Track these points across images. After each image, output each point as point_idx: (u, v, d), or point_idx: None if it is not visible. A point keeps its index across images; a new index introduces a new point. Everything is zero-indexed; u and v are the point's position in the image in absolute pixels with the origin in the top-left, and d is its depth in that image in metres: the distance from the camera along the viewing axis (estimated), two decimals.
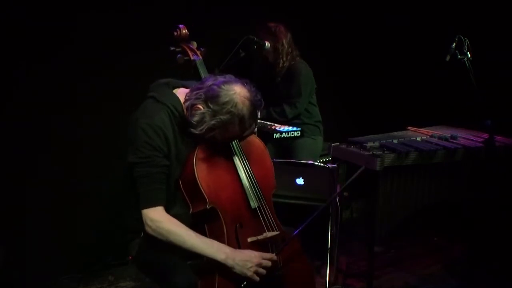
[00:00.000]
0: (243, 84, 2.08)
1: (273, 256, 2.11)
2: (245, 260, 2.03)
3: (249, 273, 2.03)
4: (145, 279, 2.47)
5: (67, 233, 3.16)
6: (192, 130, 2.07)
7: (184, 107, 2.11)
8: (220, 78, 2.08)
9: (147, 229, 2.05)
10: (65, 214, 3.14)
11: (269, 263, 2.07)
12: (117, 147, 2.32)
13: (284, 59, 3.65)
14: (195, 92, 2.08)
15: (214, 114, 2.03)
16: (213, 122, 2.03)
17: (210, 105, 2.03)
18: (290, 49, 3.66)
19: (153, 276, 2.25)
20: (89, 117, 3.17)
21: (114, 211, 2.42)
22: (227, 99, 2.02)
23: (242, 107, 2.03)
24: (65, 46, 3.05)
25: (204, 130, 2.05)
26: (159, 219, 2.04)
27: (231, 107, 2.01)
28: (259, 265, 2.05)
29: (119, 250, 3.07)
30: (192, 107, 2.07)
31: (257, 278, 2.05)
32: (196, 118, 2.05)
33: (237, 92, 2.03)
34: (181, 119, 2.12)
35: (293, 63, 3.67)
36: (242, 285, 2.05)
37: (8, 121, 2.92)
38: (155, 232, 2.04)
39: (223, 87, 2.04)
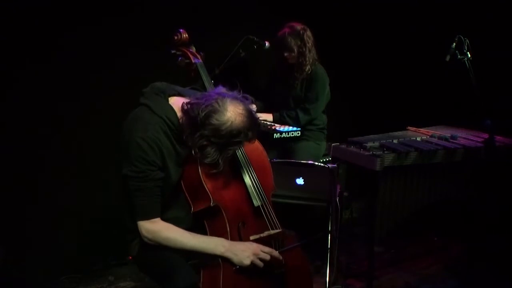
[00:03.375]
0: (231, 101, 2.02)
1: (272, 250, 2.13)
2: (243, 250, 2.08)
3: (247, 262, 2.07)
4: (145, 279, 2.48)
5: (67, 233, 3.16)
6: (215, 170, 2.07)
7: (186, 141, 2.06)
8: (207, 107, 1.99)
9: (144, 239, 2.09)
10: (65, 214, 3.14)
11: (267, 256, 2.10)
12: (114, 151, 2.31)
13: (309, 64, 3.58)
14: (197, 135, 2.00)
15: (222, 147, 2.02)
16: (225, 153, 2.04)
17: (214, 140, 2.00)
18: (314, 53, 3.60)
19: (153, 276, 2.25)
20: (89, 117, 3.17)
21: (114, 211, 2.42)
22: (228, 130, 1.99)
23: (243, 128, 2.01)
24: (66, 46, 3.05)
25: (222, 163, 2.05)
26: (156, 229, 2.07)
27: (236, 135, 2.01)
28: (257, 255, 2.08)
29: (119, 250, 3.07)
30: (200, 149, 2.02)
31: (253, 267, 2.07)
32: (209, 159, 2.03)
33: (232, 118, 1.99)
34: (177, 130, 2.10)
35: (313, 67, 3.60)
36: (235, 268, 2.08)
37: (7, 122, 2.92)
38: (152, 241, 2.09)
39: (216, 120, 1.98)
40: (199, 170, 2.11)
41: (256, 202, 2.23)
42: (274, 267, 2.16)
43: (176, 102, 2.14)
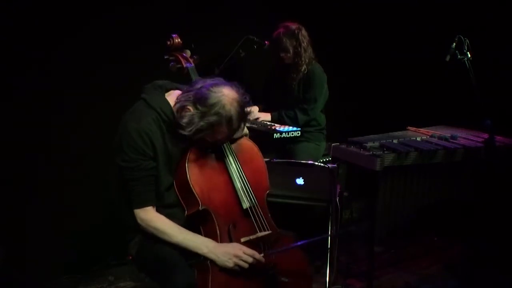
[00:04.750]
0: (231, 86, 2.12)
1: (255, 252, 2.12)
2: (226, 252, 2.09)
3: (230, 265, 2.08)
4: (145, 279, 2.48)
5: (67, 233, 3.16)
6: (181, 131, 2.11)
7: (174, 109, 2.15)
8: (210, 81, 2.13)
9: (140, 227, 2.15)
10: (65, 214, 3.14)
11: (249, 259, 2.10)
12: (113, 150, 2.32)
13: (305, 63, 3.55)
14: (185, 94, 2.13)
15: (202, 115, 2.07)
16: (201, 123, 2.07)
17: (198, 106, 2.07)
18: (310, 53, 3.57)
19: (153, 276, 2.26)
20: (88, 117, 3.17)
21: (114, 211, 2.43)
22: (215, 100, 2.06)
23: (230, 108, 2.07)
24: (65, 47, 3.05)
25: (193, 131, 2.09)
26: (147, 218, 2.13)
27: (219, 108, 2.05)
28: (239, 257, 2.09)
29: (119, 250, 3.06)
30: (181, 109, 2.11)
31: (238, 268, 2.08)
32: (185, 120, 2.09)
33: (225, 94, 2.08)
34: (171, 122, 2.15)
35: (310, 67, 3.58)
36: (220, 269, 2.09)
37: (7, 122, 2.92)
38: (146, 230, 2.15)
39: (211, 89, 2.08)
40: (188, 174, 2.14)
41: (245, 204, 2.24)
42: (266, 269, 2.16)
43: (173, 95, 2.20)
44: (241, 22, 3.82)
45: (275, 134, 3.28)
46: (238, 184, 2.24)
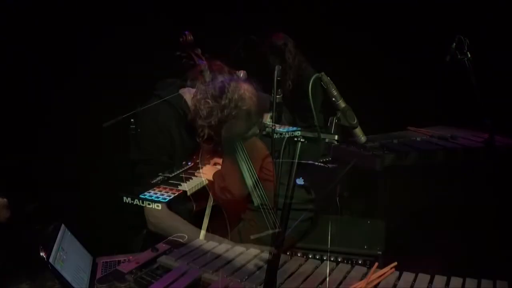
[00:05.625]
0: (250, 82, 2.19)
1: (272, 249, 2.12)
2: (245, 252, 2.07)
3: (249, 265, 2.05)
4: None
5: None
6: (200, 121, 2.14)
7: (192, 103, 2.19)
8: (228, 77, 2.20)
9: (149, 225, 2.16)
10: (65, 214, 3.14)
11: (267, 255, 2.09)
12: (118, 146, 2.33)
13: (292, 78, 3.56)
14: (204, 89, 2.17)
15: (222, 108, 2.12)
16: (220, 115, 2.12)
17: (219, 100, 2.12)
18: (296, 63, 3.56)
19: None
20: (88, 117, 3.16)
21: (114, 211, 2.43)
22: (235, 95, 2.11)
23: (249, 103, 2.13)
24: (65, 47, 3.05)
25: (212, 122, 2.12)
26: (160, 215, 2.14)
27: (239, 102, 2.12)
28: (259, 257, 2.07)
29: (120, 250, 3.07)
30: (201, 102, 2.15)
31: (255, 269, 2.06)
32: (205, 112, 2.13)
33: (245, 89, 2.14)
34: (186, 116, 2.20)
35: (300, 73, 3.58)
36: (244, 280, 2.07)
37: (7, 122, 2.92)
38: (156, 228, 2.16)
39: (231, 83, 2.14)
40: (200, 171, 2.14)
41: (256, 202, 2.24)
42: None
43: (186, 92, 2.26)
44: (241, 22, 3.82)
45: (275, 134, 3.27)
46: (249, 181, 2.25)
